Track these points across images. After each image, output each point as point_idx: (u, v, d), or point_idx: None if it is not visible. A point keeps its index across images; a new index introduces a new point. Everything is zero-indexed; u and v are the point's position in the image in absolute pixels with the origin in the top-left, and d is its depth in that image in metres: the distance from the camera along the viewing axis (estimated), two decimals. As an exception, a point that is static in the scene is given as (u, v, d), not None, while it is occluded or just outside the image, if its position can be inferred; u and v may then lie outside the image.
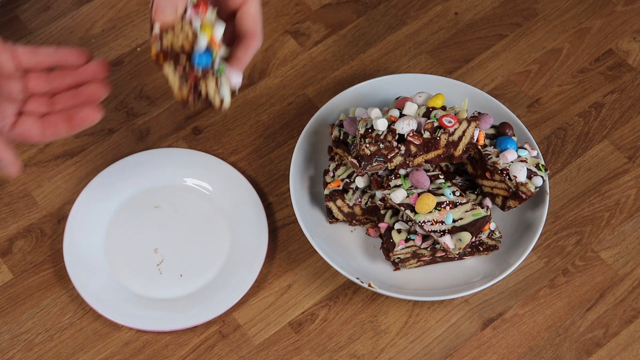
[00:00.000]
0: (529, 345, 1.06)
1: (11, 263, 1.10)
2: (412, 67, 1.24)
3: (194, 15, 0.89)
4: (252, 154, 1.17)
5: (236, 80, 0.91)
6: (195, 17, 0.89)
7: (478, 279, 1.06)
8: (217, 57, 0.90)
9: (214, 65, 0.89)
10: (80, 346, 1.05)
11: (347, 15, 1.28)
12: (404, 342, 1.06)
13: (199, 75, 0.89)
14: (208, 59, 0.89)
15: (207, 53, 0.89)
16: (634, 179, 1.15)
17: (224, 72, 0.90)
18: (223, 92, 0.90)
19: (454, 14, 1.28)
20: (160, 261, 1.09)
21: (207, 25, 0.90)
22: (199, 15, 0.90)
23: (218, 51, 0.91)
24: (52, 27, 1.26)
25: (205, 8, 0.91)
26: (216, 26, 0.91)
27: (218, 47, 0.91)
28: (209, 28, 0.90)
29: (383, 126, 1.00)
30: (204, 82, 0.90)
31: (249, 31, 0.93)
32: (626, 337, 1.06)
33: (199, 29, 0.89)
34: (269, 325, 1.06)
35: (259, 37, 0.93)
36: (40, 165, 1.16)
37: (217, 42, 0.91)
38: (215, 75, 0.89)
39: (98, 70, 0.92)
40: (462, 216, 1.01)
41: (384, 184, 1.05)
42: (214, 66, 0.89)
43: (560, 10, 1.28)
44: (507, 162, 1.04)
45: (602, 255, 1.10)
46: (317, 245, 1.05)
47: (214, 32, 0.90)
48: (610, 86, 1.22)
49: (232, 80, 0.91)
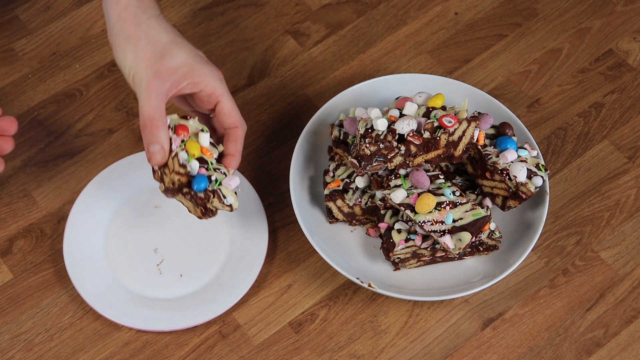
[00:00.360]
0: (529, 345, 1.06)
1: (11, 263, 1.10)
2: (412, 67, 1.24)
3: (178, 148, 0.97)
4: (252, 154, 1.17)
5: (235, 185, 0.98)
6: (180, 150, 0.97)
7: (478, 279, 1.06)
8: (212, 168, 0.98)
9: (212, 181, 0.97)
10: (80, 346, 1.05)
11: (347, 15, 1.28)
12: (404, 342, 1.06)
13: (203, 197, 0.97)
14: (204, 182, 0.97)
15: (202, 176, 0.97)
16: (634, 179, 1.15)
17: (222, 182, 0.98)
18: (228, 201, 0.97)
19: (454, 14, 1.28)
20: (160, 261, 1.09)
21: (193, 143, 0.98)
22: (182, 137, 0.98)
23: (211, 156, 0.99)
24: (52, 27, 1.26)
25: (186, 129, 0.98)
26: (200, 135, 0.99)
27: (209, 153, 0.99)
28: (194, 145, 0.98)
29: (383, 126, 1.00)
30: (210, 201, 0.97)
31: (231, 124, 1.00)
32: (626, 337, 1.06)
33: (186, 158, 0.97)
34: (269, 325, 1.06)
35: (242, 125, 1.00)
36: (40, 165, 1.16)
37: (207, 148, 0.99)
38: (216, 192, 0.96)
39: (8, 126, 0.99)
40: (462, 216, 1.01)
41: (384, 184, 1.05)
42: (212, 183, 0.97)
43: (560, 10, 1.28)
44: (507, 162, 1.03)
45: (602, 255, 1.10)
46: (317, 245, 1.05)
47: (201, 142, 0.99)
48: (610, 86, 1.22)
49: (231, 187, 0.98)
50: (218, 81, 0.98)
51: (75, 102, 1.21)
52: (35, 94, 1.21)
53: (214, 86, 0.98)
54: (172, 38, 0.98)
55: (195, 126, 1.00)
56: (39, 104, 1.20)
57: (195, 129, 1.00)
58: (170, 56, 0.97)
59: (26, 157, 1.17)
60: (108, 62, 1.24)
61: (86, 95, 1.21)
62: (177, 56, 0.97)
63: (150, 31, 0.97)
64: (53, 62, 1.24)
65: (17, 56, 1.24)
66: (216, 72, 0.99)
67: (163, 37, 0.97)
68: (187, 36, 1.25)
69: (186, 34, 1.25)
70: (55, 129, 1.19)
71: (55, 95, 1.21)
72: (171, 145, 0.97)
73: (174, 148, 0.97)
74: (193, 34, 1.26)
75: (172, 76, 0.96)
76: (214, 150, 1.00)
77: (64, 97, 1.21)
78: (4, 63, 1.23)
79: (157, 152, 0.96)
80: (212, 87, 0.98)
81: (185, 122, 1.00)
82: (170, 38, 0.98)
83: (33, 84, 1.22)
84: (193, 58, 0.98)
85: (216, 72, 0.99)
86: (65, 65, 1.23)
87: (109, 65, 1.23)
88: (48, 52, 1.24)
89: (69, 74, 1.23)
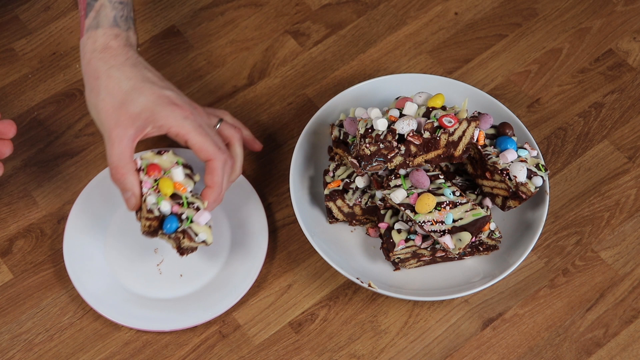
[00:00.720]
0: (529, 345, 1.06)
1: (11, 263, 1.10)
2: (412, 67, 1.24)
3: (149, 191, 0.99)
4: (252, 154, 1.17)
5: (205, 220, 0.99)
6: (149, 195, 0.98)
7: (478, 279, 1.06)
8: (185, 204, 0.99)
9: (183, 220, 0.98)
10: (80, 346, 1.05)
11: (347, 15, 1.28)
12: (404, 342, 1.06)
13: (174, 237, 1.00)
14: (174, 223, 0.98)
15: (171, 218, 0.98)
16: (634, 179, 1.15)
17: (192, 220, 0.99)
18: (200, 238, 0.99)
19: (454, 14, 1.28)
20: (160, 261, 1.09)
21: (165, 182, 0.99)
22: (154, 177, 0.99)
23: (184, 191, 1.00)
24: (52, 27, 1.26)
25: (157, 167, 1.00)
26: (173, 171, 1.00)
27: (183, 188, 1.00)
28: (167, 183, 0.99)
29: (383, 126, 1.00)
30: (181, 241, 1.00)
31: (205, 158, 1.00)
32: (626, 337, 1.06)
33: (154, 202, 0.98)
34: (269, 325, 1.06)
35: (217, 156, 1.00)
36: (40, 165, 1.16)
37: (180, 182, 1.00)
38: (186, 231, 0.99)
39: (6, 130, 1.00)
40: (462, 216, 1.01)
41: (384, 184, 1.05)
42: (184, 222, 0.99)
43: (560, 10, 1.28)
44: (507, 162, 1.04)
45: (602, 255, 1.10)
46: (317, 245, 1.05)
47: (174, 178, 1.00)
48: (610, 86, 1.22)
49: (201, 224, 0.99)
50: (182, 120, 0.99)
51: (75, 102, 1.21)
52: (35, 94, 1.21)
53: (179, 126, 0.99)
54: (134, 84, 1.00)
55: (170, 160, 1.02)
56: (39, 104, 1.20)
57: (171, 163, 1.01)
58: (130, 103, 0.99)
59: (26, 157, 1.17)
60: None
61: (86, 95, 1.21)
62: (138, 102, 0.99)
63: (109, 82, 1.00)
64: (53, 62, 1.24)
65: (17, 56, 1.24)
66: (180, 111, 1.00)
67: (124, 85, 0.99)
68: (187, 36, 1.25)
69: (186, 34, 1.26)
70: (55, 129, 1.19)
71: (55, 95, 1.21)
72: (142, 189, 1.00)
73: (144, 191, 0.99)
74: (193, 34, 1.26)
75: (135, 123, 0.98)
76: (189, 184, 1.01)
77: (64, 97, 1.21)
78: (4, 63, 1.23)
79: (129, 198, 0.99)
80: (177, 128, 0.99)
81: (158, 158, 1.01)
82: (131, 85, 1.00)
83: (33, 84, 1.22)
84: (155, 101, 0.99)
85: (180, 111, 1.00)
86: (65, 65, 1.23)
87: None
88: (48, 52, 1.24)
89: (69, 74, 1.23)
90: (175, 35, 1.26)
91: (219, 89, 1.22)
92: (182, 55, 1.24)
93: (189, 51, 1.25)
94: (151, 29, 1.26)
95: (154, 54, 1.24)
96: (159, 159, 1.01)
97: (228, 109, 1.20)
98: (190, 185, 1.01)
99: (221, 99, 1.21)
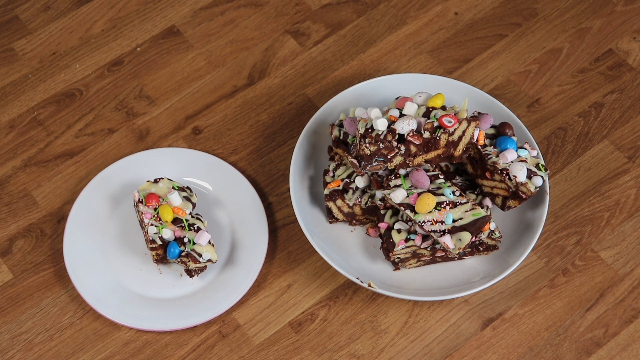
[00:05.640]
0: (529, 345, 1.06)
1: (11, 263, 1.10)
2: (412, 67, 1.24)
3: (150, 220, 1.03)
4: (252, 154, 1.17)
5: (205, 240, 1.02)
6: (150, 225, 1.03)
7: (478, 279, 1.06)
8: (187, 227, 1.03)
9: (185, 243, 1.03)
10: (80, 346, 1.05)
11: (347, 15, 1.28)
12: (404, 342, 1.06)
13: (180, 261, 1.05)
14: (175, 249, 1.03)
15: (172, 244, 1.03)
16: (634, 179, 1.15)
17: (194, 242, 1.03)
18: (205, 258, 1.02)
19: (454, 14, 1.28)
20: (160, 261, 1.09)
21: (164, 208, 1.03)
22: (153, 205, 1.04)
23: (184, 214, 1.04)
24: (52, 27, 1.26)
25: (154, 197, 1.04)
26: (170, 197, 1.04)
27: (182, 212, 1.04)
28: (166, 210, 1.03)
29: (383, 126, 1.00)
30: (187, 264, 1.04)
31: None
32: (626, 337, 1.06)
33: (155, 232, 1.02)
34: (269, 325, 1.06)
35: None
36: (40, 165, 1.16)
37: (179, 206, 1.04)
38: (190, 254, 1.03)
39: None
40: (462, 216, 1.01)
41: (384, 184, 1.05)
42: (186, 244, 1.03)
43: (560, 10, 1.28)
44: (507, 162, 1.04)
45: (602, 255, 1.10)
46: (317, 245, 1.05)
47: (172, 203, 1.04)
48: (610, 86, 1.22)
49: (203, 244, 1.02)
50: None
51: (75, 102, 1.21)
52: (35, 94, 1.21)
53: None
54: None
55: (167, 186, 1.06)
56: (39, 104, 1.20)
57: (167, 189, 1.05)
58: None
59: (26, 157, 1.17)
60: (108, 62, 1.24)
61: (86, 95, 1.21)
62: None
63: None
64: (53, 62, 1.24)
65: (17, 56, 1.24)
66: None
67: None
68: (187, 36, 1.25)
69: (186, 34, 1.26)
70: (55, 129, 1.19)
71: (55, 95, 1.21)
72: (143, 220, 1.04)
73: (145, 222, 1.03)
74: (193, 34, 1.26)
75: None
76: (187, 206, 1.05)
77: (64, 97, 1.21)
78: (4, 63, 1.23)
79: None
80: None
81: (154, 187, 1.05)
82: None
83: (33, 84, 1.22)
84: None
85: None
86: (65, 65, 1.23)
87: (109, 65, 1.23)
88: (48, 52, 1.24)
89: (69, 74, 1.23)
90: (175, 35, 1.26)
91: (219, 89, 1.22)
92: (182, 55, 1.24)
93: (189, 51, 1.25)
94: (151, 29, 1.26)
95: (154, 54, 1.24)
96: (155, 187, 1.05)
97: (228, 109, 1.20)
98: (189, 207, 1.05)
99: (221, 99, 1.21)
